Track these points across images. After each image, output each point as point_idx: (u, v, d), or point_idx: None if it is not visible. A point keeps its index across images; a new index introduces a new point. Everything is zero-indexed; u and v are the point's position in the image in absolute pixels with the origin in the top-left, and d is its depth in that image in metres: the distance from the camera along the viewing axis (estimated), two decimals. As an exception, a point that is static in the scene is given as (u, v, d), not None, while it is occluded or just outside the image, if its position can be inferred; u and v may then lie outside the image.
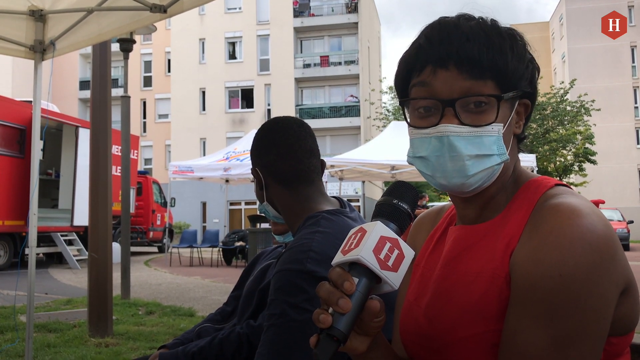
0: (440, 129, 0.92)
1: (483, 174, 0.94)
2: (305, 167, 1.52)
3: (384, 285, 0.82)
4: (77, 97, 37.17)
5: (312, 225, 1.39)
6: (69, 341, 5.21)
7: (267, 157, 1.53)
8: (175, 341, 1.96)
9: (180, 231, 22.07)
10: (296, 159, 1.51)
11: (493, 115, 0.92)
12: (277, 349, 1.22)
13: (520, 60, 0.95)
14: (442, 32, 0.94)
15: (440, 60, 0.92)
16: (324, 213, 1.44)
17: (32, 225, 3.97)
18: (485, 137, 0.92)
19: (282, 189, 1.52)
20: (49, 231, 13.20)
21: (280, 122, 1.57)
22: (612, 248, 0.84)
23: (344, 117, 32.78)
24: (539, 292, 0.83)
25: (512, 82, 0.94)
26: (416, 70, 0.95)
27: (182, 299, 8.31)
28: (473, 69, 0.91)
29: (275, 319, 1.24)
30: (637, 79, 36.70)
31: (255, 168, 1.56)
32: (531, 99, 1.00)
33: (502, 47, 0.93)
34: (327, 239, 1.34)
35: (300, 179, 1.52)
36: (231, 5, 34.51)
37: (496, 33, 0.94)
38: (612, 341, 0.89)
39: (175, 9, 3.28)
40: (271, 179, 1.53)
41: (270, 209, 1.59)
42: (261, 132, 1.58)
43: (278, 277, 1.29)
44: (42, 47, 3.96)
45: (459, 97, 0.92)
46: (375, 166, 12.79)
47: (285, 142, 1.52)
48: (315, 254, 1.28)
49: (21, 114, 12.35)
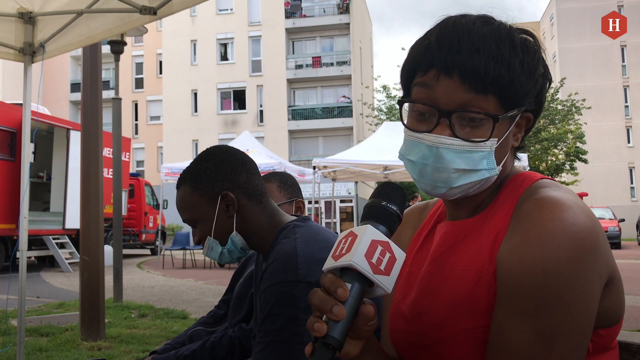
0: (432, 138, 0.92)
1: (467, 186, 0.94)
2: (263, 183, 1.53)
3: (376, 289, 0.81)
4: (68, 99, 36.97)
5: (288, 234, 1.38)
6: (60, 345, 5.18)
7: (240, 176, 1.47)
8: (167, 346, 1.96)
9: (173, 233, 21.99)
10: (258, 174, 1.52)
11: (488, 132, 0.91)
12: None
13: (529, 76, 0.93)
14: (453, 37, 0.91)
15: (446, 67, 0.90)
16: (294, 222, 1.44)
17: (23, 229, 3.94)
18: (476, 152, 0.92)
19: (254, 206, 1.47)
20: (40, 234, 13.12)
21: (223, 147, 1.55)
22: (594, 240, 0.83)
23: (337, 117, 32.78)
24: (523, 289, 0.83)
25: (515, 99, 0.92)
26: (421, 69, 0.94)
27: (175, 302, 8.28)
28: (476, 82, 0.89)
29: (274, 335, 1.22)
30: (627, 78, 36.94)
31: (228, 193, 1.45)
32: (535, 113, 0.98)
33: (512, 63, 0.90)
34: (308, 243, 1.34)
35: (265, 194, 1.51)
36: (223, 7, 34.45)
37: (510, 45, 0.91)
38: (600, 333, 0.90)
39: (165, 10, 3.27)
40: (246, 198, 1.47)
41: (239, 239, 1.46)
42: (217, 158, 1.49)
43: (271, 292, 1.26)
44: (31, 50, 3.93)
45: (456, 110, 0.91)
46: (368, 167, 12.79)
47: (247, 160, 1.51)
48: (302, 258, 1.28)
49: (11, 116, 12.26)
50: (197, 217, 1.47)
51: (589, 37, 36.30)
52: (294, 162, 26.70)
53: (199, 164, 1.48)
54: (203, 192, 1.45)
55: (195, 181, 1.46)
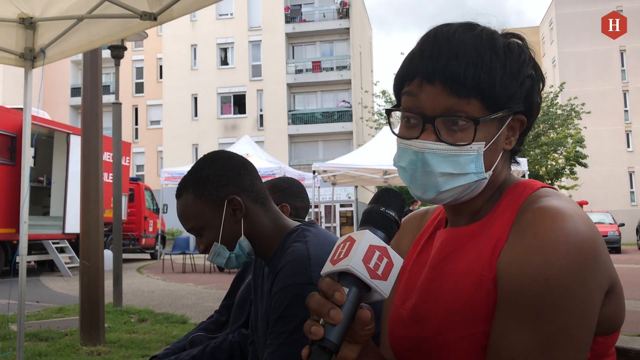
0: (418, 144, 0.94)
1: (457, 190, 0.95)
2: (264, 185, 1.52)
3: (374, 294, 0.82)
4: (68, 104, 37.00)
5: (298, 237, 1.39)
6: (60, 350, 5.17)
7: (244, 180, 1.45)
8: (167, 350, 1.96)
9: (173, 238, 21.96)
10: (260, 178, 1.51)
11: (471, 135, 0.92)
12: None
13: (513, 78, 0.94)
14: (434, 45, 0.94)
15: (427, 74, 0.93)
16: (302, 226, 1.44)
17: (23, 234, 3.94)
18: (462, 156, 0.93)
19: (260, 210, 1.46)
20: (40, 239, 13.11)
21: (222, 152, 1.52)
22: (595, 249, 0.84)
23: (337, 122, 32.80)
24: (524, 297, 0.83)
25: (499, 101, 0.93)
26: (407, 79, 0.96)
27: (174, 306, 8.27)
28: (458, 87, 0.91)
29: (286, 336, 1.22)
30: (626, 82, 36.97)
31: (234, 197, 1.42)
32: (528, 115, 0.99)
33: (492, 66, 0.92)
34: (319, 247, 1.34)
35: (268, 197, 1.50)
36: (223, 12, 34.52)
37: (490, 49, 0.93)
38: (599, 340, 0.90)
39: (165, 16, 3.28)
40: (251, 202, 1.45)
41: (246, 244, 1.43)
42: (218, 162, 1.47)
43: (285, 294, 1.26)
44: (32, 55, 3.94)
45: (439, 115, 0.92)
46: (367, 171, 12.79)
47: (247, 163, 1.50)
48: (314, 261, 1.29)
49: (12, 121, 12.28)
50: (203, 225, 1.44)
51: (589, 42, 36.34)
52: (294, 166, 26.71)
53: (200, 170, 1.45)
54: (208, 199, 1.42)
55: (199, 188, 1.43)
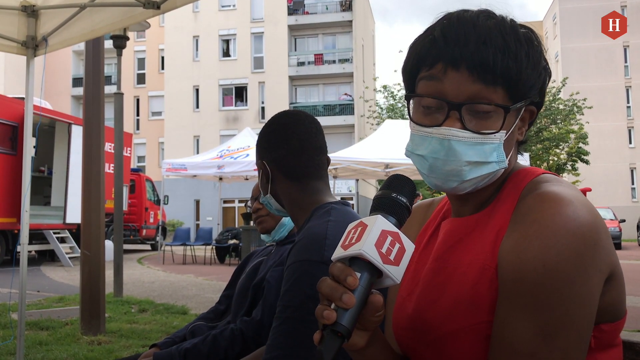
0: (443, 131, 0.91)
1: (478, 179, 0.94)
2: (314, 163, 1.52)
3: (385, 280, 0.81)
4: (70, 94, 36.97)
5: (324, 215, 1.39)
6: (60, 339, 5.18)
7: (277, 152, 1.51)
8: (167, 340, 1.96)
9: (174, 229, 22.01)
10: (307, 155, 1.51)
11: (498, 124, 0.91)
12: (296, 342, 1.19)
13: (534, 68, 0.93)
14: (459, 30, 0.91)
15: (453, 60, 0.90)
16: (332, 204, 1.44)
17: (24, 223, 3.94)
18: (487, 144, 0.92)
19: (290, 183, 1.52)
20: (41, 229, 13.13)
21: (292, 117, 1.56)
22: (595, 235, 0.83)
23: (338, 115, 32.77)
24: (524, 284, 0.83)
25: (522, 91, 0.92)
26: (427, 64, 0.93)
27: (175, 297, 8.29)
28: (485, 74, 0.89)
29: (292, 311, 1.21)
30: (629, 78, 36.86)
31: (263, 161, 1.54)
32: (538, 106, 0.99)
33: (518, 54, 0.90)
34: (340, 228, 1.33)
35: (310, 175, 1.51)
36: (225, 3, 34.41)
37: (514, 37, 0.92)
38: (604, 328, 0.89)
39: (168, 5, 3.27)
40: (279, 173, 1.52)
41: (273, 202, 1.56)
42: (272, 126, 1.56)
43: (295, 268, 1.26)
44: (34, 43, 3.93)
45: (465, 102, 0.90)
46: (369, 164, 12.78)
47: (297, 139, 1.51)
48: (331, 241, 1.28)
49: (13, 110, 12.26)
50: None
51: (592, 37, 36.20)
52: (295, 159, 26.66)
53: (266, 126, 1.58)
54: (257, 152, 1.59)
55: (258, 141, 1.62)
